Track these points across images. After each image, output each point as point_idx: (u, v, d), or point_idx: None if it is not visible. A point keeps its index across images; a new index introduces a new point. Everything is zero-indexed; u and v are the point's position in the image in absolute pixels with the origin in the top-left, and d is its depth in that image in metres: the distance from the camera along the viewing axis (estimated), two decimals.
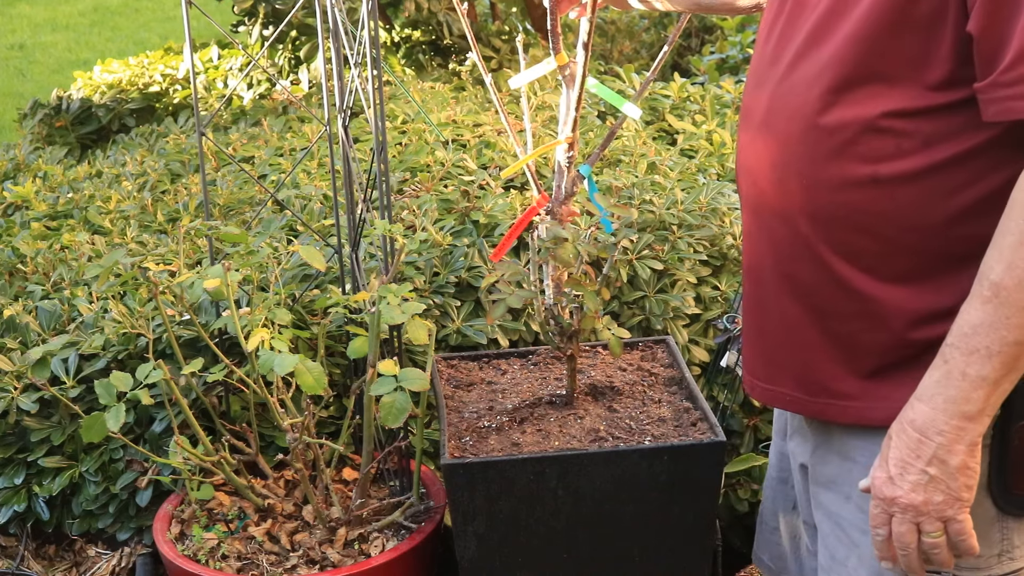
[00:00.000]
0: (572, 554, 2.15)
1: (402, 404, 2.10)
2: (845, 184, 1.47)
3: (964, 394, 1.38)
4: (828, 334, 1.55)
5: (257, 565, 2.36)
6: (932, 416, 1.40)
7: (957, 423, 1.39)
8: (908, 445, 1.42)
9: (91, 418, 2.28)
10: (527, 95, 2.34)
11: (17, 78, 9.03)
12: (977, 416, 1.38)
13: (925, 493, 1.42)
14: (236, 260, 2.50)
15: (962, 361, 1.37)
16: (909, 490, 1.43)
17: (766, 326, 1.63)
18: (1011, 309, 1.34)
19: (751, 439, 2.86)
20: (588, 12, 2.09)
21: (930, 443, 1.41)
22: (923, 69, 1.41)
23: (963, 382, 1.37)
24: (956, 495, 1.42)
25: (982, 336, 1.36)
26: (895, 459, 1.44)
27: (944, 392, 1.39)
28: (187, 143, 4.32)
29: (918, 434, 1.41)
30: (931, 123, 1.42)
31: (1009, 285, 1.33)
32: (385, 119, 2.59)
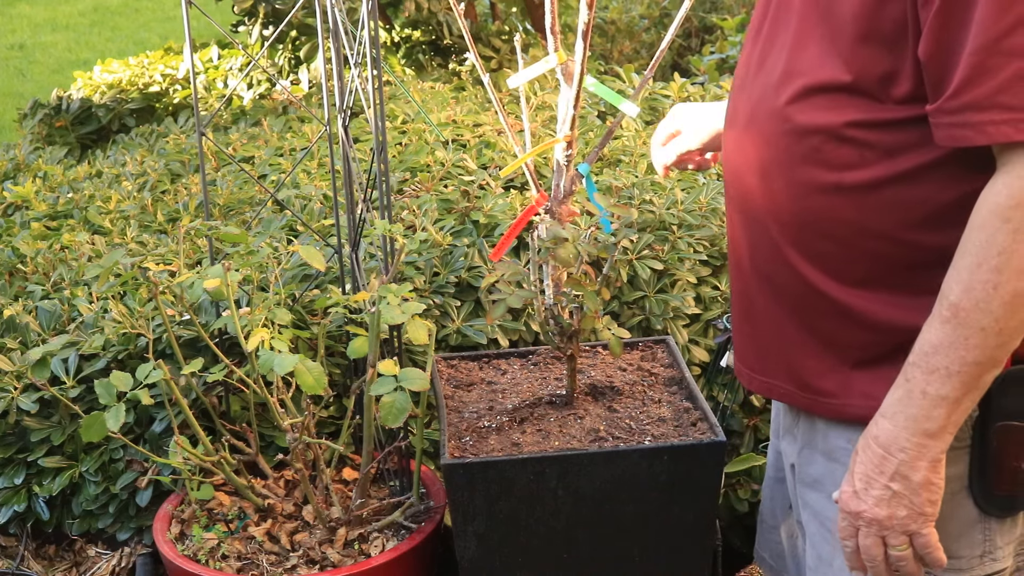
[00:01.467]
0: (572, 554, 2.15)
1: (402, 404, 2.10)
2: (812, 189, 1.49)
3: (925, 412, 1.40)
4: (805, 331, 1.57)
5: (257, 565, 2.36)
6: (895, 433, 1.42)
7: (919, 440, 1.41)
8: (872, 461, 1.44)
9: (91, 418, 2.28)
10: (527, 95, 2.35)
11: (17, 78, 9.03)
12: (938, 433, 1.40)
13: (889, 508, 1.44)
14: (236, 260, 2.50)
15: (923, 380, 1.39)
16: (873, 505, 1.45)
17: (753, 318, 1.65)
18: (969, 330, 1.35)
19: (751, 439, 2.86)
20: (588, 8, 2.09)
21: (893, 459, 1.43)
22: (889, 83, 1.42)
23: (924, 400, 1.39)
24: (920, 510, 1.44)
25: (941, 356, 1.37)
26: (860, 474, 1.46)
27: (905, 410, 1.41)
28: (187, 143, 4.32)
29: (882, 450, 1.43)
30: (893, 135, 1.43)
31: (967, 306, 1.35)
32: (385, 119, 2.59)
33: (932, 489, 1.43)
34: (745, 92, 1.60)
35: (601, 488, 2.09)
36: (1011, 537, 1.53)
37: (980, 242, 1.34)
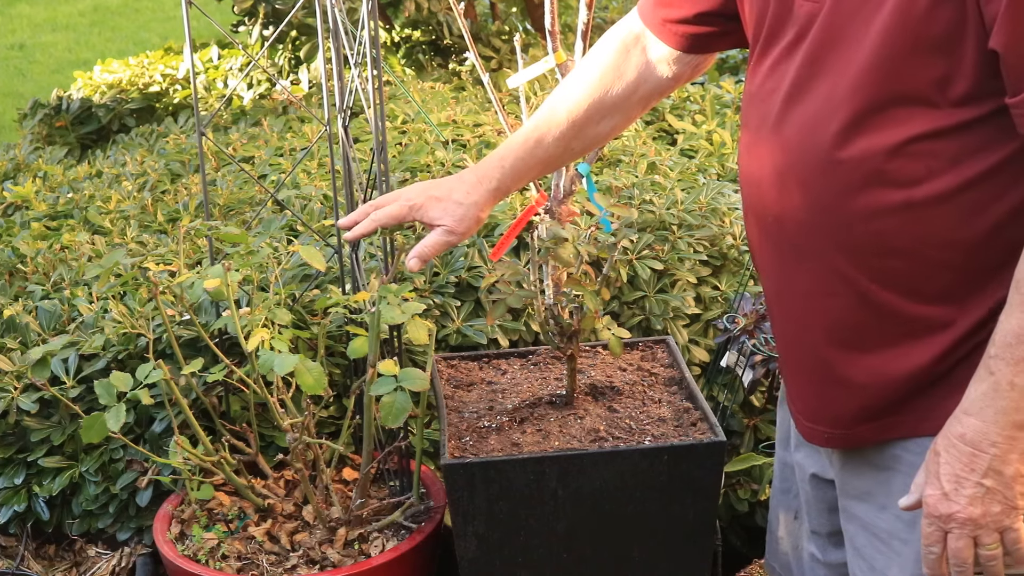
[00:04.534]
0: (572, 554, 2.15)
1: (402, 404, 2.10)
2: (878, 212, 1.46)
3: (1014, 404, 1.38)
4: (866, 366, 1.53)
5: (257, 565, 2.36)
6: (984, 428, 1.40)
7: (1010, 433, 1.39)
8: (961, 459, 1.42)
9: (91, 418, 2.28)
10: (527, 95, 2.35)
11: (17, 78, 9.03)
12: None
13: (983, 505, 1.42)
14: (236, 260, 2.50)
15: (1009, 371, 1.37)
16: (967, 504, 1.43)
17: (801, 364, 1.62)
18: None
19: (751, 439, 2.86)
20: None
21: (984, 455, 1.41)
22: (946, 87, 1.40)
23: (1012, 392, 1.38)
24: (1013, 504, 1.42)
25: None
26: (948, 475, 1.43)
27: (994, 404, 1.39)
28: (187, 143, 4.32)
29: (970, 448, 1.41)
30: (957, 141, 1.41)
31: None
32: (385, 119, 2.59)
33: (1022, 481, 1.41)
34: (776, 137, 1.55)
35: (601, 488, 2.09)
36: None
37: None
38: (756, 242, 1.66)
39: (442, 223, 1.91)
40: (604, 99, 1.88)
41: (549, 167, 1.99)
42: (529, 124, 1.92)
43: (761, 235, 1.63)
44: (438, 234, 1.92)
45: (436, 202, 1.92)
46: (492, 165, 1.94)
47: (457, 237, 1.93)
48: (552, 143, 1.91)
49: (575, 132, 1.90)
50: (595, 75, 1.88)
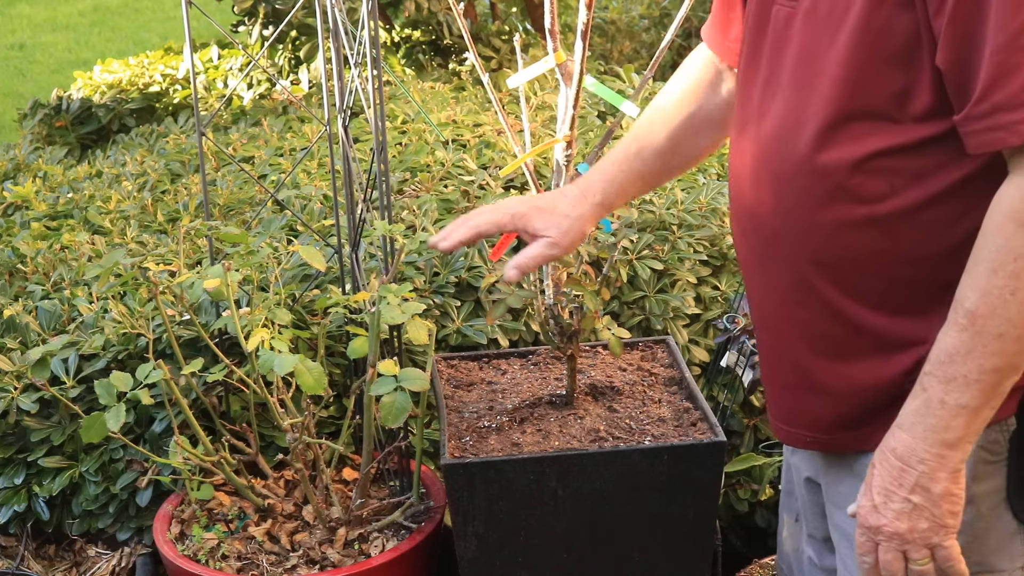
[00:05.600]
0: (572, 554, 2.15)
1: (402, 404, 2.10)
2: (843, 226, 1.45)
3: (944, 423, 1.37)
4: (841, 374, 1.53)
5: (257, 565, 2.36)
6: (913, 445, 1.40)
7: (938, 451, 1.39)
8: (891, 473, 1.42)
9: (91, 418, 2.28)
10: (526, 95, 2.35)
11: (17, 78, 9.03)
12: (958, 443, 1.38)
13: (909, 521, 1.42)
14: (236, 260, 2.50)
15: (940, 390, 1.37)
16: (893, 518, 1.43)
17: (779, 368, 1.62)
18: (987, 337, 1.33)
19: (751, 439, 2.86)
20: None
21: (912, 471, 1.40)
22: (905, 102, 1.39)
23: (942, 411, 1.37)
24: (941, 522, 1.41)
25: (959, 364, 1.35)
26: (879, 487, 1.44)
27: (924, 421, 1.39)
28: (187, 143, 4.32)
29: (900, 463, 1.41)
30: (919, 158, 1.40)
31: (984, 313, 1.33)
32: (385, 119, 2.59)
33: (953, 500, 1.40)
34: (755, 140, 1.55)
35: (601, 488, 2.09)
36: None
37: (996, 247, 1.32)
38: (738, 241, 1.67)
39: (547, 235, 1.84)
40: (697, 114, 1.84)
41: (650, 183, 1.93)
42: (628, 137, 1.89)
43: (742, 235, 1.64)
44: (541, 246, 1.84)
45: (540, 213, 1.85)
46: (594, 179, 1.89)
47: (560, 250, 1.85)
48: (651, 158, 1.87)
49: (672, 147, 1.86)
50: (687, 89, 1.85)
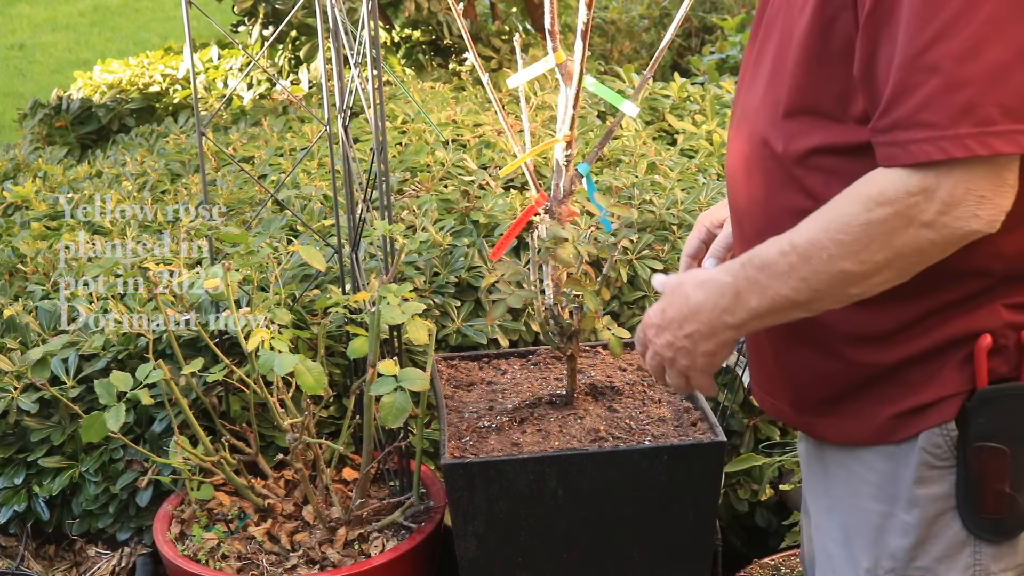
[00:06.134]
0: (572, 554, 2.15)
1: (402, 404, 2.10)
2: (793, 214, 1.46)
3: (731, 309, 1.43)
4: (801, 355, 1.54)
5: (257, 565, 2.36)
6: (702, 306, 1.46)
7: (718, 323, 1.45)
8: (679, 311, 1.49)
9: (91, 418, 2.28)
10: (526, 95, 2.35)
11: (17, 78, 9.03)
12: (736, 326, 1.45)
13: (672, 353, 1.51)
14: (236, 260, 2.50)
15: (743, 283, 1.42)
16: (663, 346, 1.52)
17: (759, 340, 1.63)
18: (793, 273, 1.38)
19: (751, 439, 2.86)
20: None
21: (691, 324, 1.47)
22: (847, 103, 1.39)
23: (735, 299, 1.43)
24: (698, 367, 1.51)
25: (765, 275, 1.40)
26: (667, 315, 1.51)
27: (718, 295, 1.44)
28: (187, 143, 4.32)
29: (688, 311, 1.48)
30: (856, 161, 1.40)
31: (801, 254, 1.36)
32: (385, 119, 2.59)
33: (714, 357, 1.50)
34: (735, 119, 1.58)
35: (601, 488, 2.09)
36: (1009, 563, 1.49)
37: (840, 213, 1.34)
38: (733, 228, 1.69)
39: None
40: None
41: None
42: None
43: (735, 225, 1.66)
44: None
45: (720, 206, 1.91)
46: None
47: None
48: None
49: None
50: None
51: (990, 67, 1.26)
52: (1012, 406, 1.42)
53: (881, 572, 1.51)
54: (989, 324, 1.40)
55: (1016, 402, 1.42)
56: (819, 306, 1.40)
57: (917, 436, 1.44)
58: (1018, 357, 1.41)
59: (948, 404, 1.43)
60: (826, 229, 1.35)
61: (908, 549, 1.48)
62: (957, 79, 1.26)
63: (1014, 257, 1.39)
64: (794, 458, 2.61)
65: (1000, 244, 1.37)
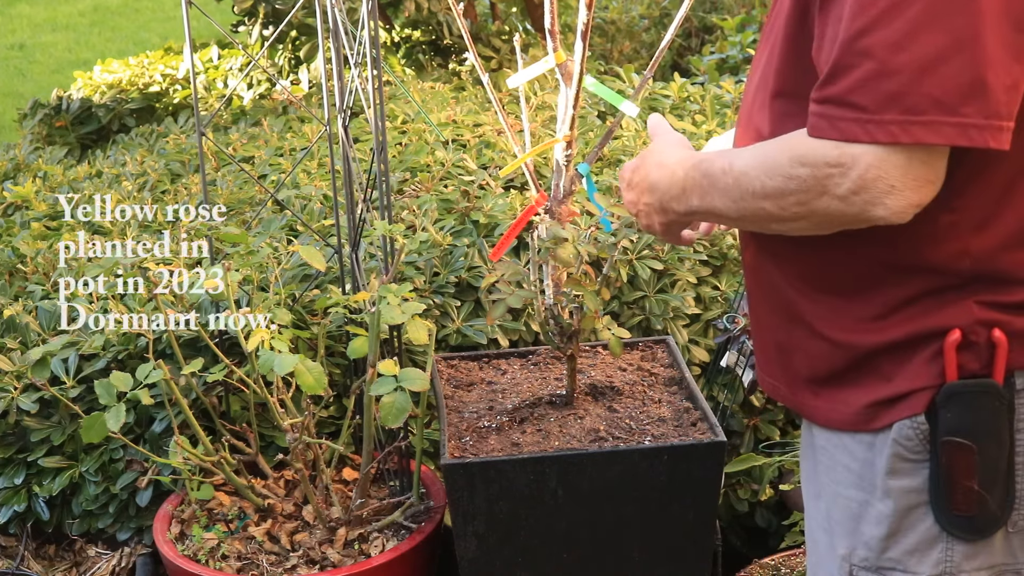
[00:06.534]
0: (572, 554, 2.15)
1: (402, 404, 2.10)
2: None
3: (677, 197, 1.52)
4: (794, 334, 1.56)
5: (257, 565, 2.36)
6: (657, 185, 1.55)
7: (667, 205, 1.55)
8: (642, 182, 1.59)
9: (91, 418, 2.28)
10: (526, 95, 2.35)
11: (17, 78, 9.03)
12: (683, 213, 1.53)
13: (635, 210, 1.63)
14: (236, 260, 2.50)
15: (689, 182, 1.49)
16: (629, 201, 1.64)
17: (758, 320, 1.65)
18: (728, 192, 1.44)
19: (751, 439, 2.86)
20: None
21: (648, 197, 1.58)
22: None
23: (681, 193, 1.51)
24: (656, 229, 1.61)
25: (706, 183, 1.47)
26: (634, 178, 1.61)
27: (669, 183, 1.53)
28: (187, 143, 4.32)
29: (648, 185, 1.57)
30: None
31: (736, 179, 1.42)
32: (385, 119, 2.59)
33: (669, 227, 1.59)
34: (742, 107, 1.62)
35: (601, 488, 2.09)
36: (982, 562, 1.49)
37: (771, 157, 1.39)
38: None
39: None
40: None
41: None
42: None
43: None
44: None
45: None
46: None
47: None
48: None
49: None
50: None
51: (921, 58, 1.28)
52: (979, 402, 1.42)
53: (856, 560, 1.53)
54: (960, 320, 1.41)
55: (983, 398, 1.42)
56: (747, 226, 1.50)
57: (891, 427, 1.46)
58: (989, 354, 1.42)
59: (918, 397, 1.44)
60: (757, 166, 1.40)
61: (881, 539, 1.50)
62: (888, 67, 1.29)
63: (983, 257, 1.40)
64: (794, 458, 2.61)
65: (968, 242, 1.39)
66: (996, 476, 1.44)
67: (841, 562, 1.54)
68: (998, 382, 1.42)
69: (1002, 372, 1.42)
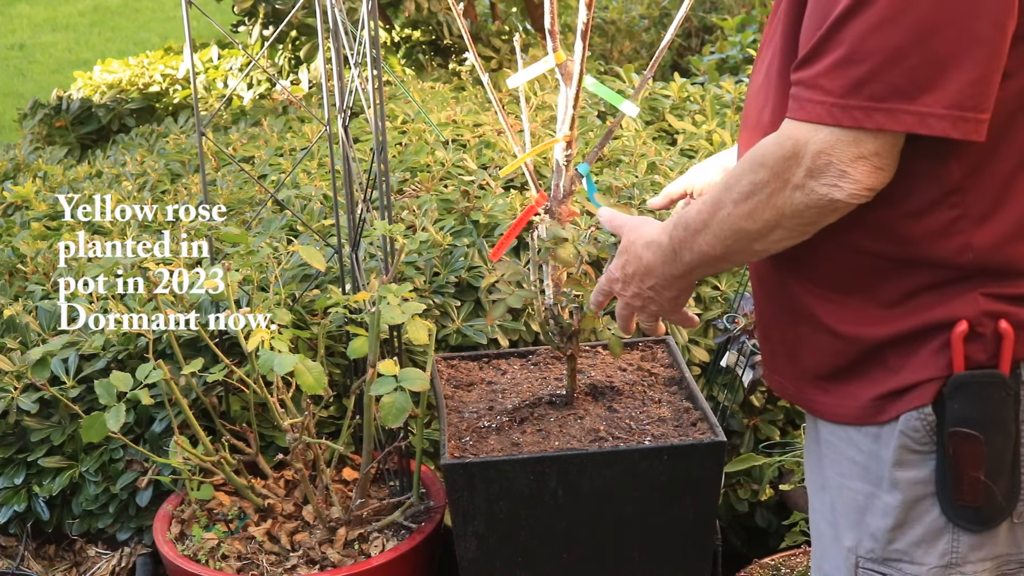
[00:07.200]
0: (572, 554, 2.15)
1: (402, 404, 2.10)
2: None
3: (672, 263, 1.56)
4: (799, 331, 1.57)
5: (257, 565, 2.36)
6: (653, 264, 1.59)
7: (669, 277, 1.59)
8: (637, 269, 1.61)
9: (91, 418, 2.28)
10: (526, 95, 2.35)
11: (17, 78, 9.03)
12: (683, 275, 1.57)
13: (642, 302, 1.65)
14: (236, 260, 2.50)
15: (676, 242, 1.53)
16: (632, 296, 1.65)
17: (764, 318, 1.66)
18: (707, 230, 1.48)
19: (751, 439, 2.86)
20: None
21: (650, 279, 1.60)
22: None
23: (673, 256, 1.55)
24: (667, 308, 1.64)
25: (688, 234, 1.51)
26: (628, 271, 1.63)
27: (662, 255, 1.57)
28: (187, 143, 4.32)
29: (644, 269, 1.60)
30: None
31: (711, 212, 1.47)
32: (385, 119, 2.59)
33: (678, 299, 1.63)
34: (747, 102, 1.64)
35: (601, 488, 2.09)
36: (987, 553, 1.49)
37: (735, 174, 1.43)
38: None
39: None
40: None
41: None
42: None
43: None
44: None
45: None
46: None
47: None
48: None
49: None
50: None
51: (889, 47, 1.31)
52: (986, 393, 1.43)
53: (862, 551, 1.53)
54: (966, 312, 1.42)
55: (990, 389, 1.43)
56: (736, 259, 1.51)
57: (898, 419, 1.46)
58: (996, 346, 1.42)
59: (925, 388, 1.45)
60: (725, 190, 1.45)
61: (887, 531, 1.50)
62: (858, 53, 1.32)
63: (986, 251, 1.41)
64: (794, 458, 2.61)
65: (970, 236, 1.41)
66: (1002, 467, 1.45)
67: (847, 554, 1.55)
68: (1005, 373, 1.43)
69: (1008, 363, 1.43)
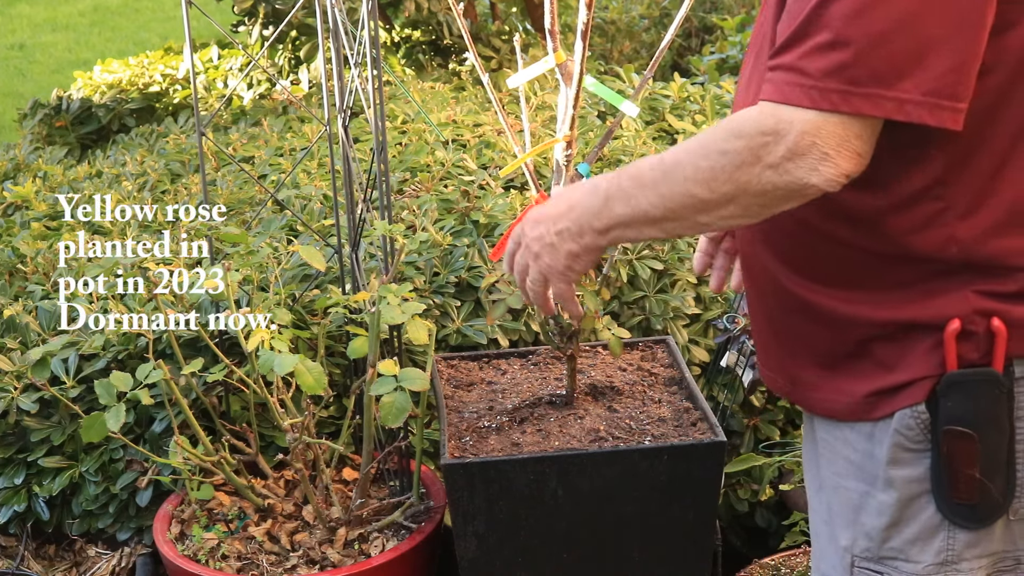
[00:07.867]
0: (572, 554, 2.15)
1: (402, 404, 2.10)
2: None
3: (599, 210, 1.48)
4: (793, 323, 1.57)
5: (257, 565, 2.36)
6: (577, 203, 1.50)
7: (585, 224, 1.49)
8: (558, 208, 1.52)
9: (91, 418, 2.28)
10: (526, 95, 2.35)
11: (17, 78, 9.02)
12: (601, 230, 1.48)
13: (539, 247, 1.54)
14: (236, 260, 2.50)
15: (614, 189, 1.46)
16: (534, 238, 1.55)
17: (757, 313, 1.66)
18: (655, 187, 1.43)
19: (751, 439, 2.86)
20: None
21: (564, 221, 1.51)
22: None
23: (604, 203, 1.47)
24: (558, 268, 1.54)
25: (632, 185, 1.45)
26: (547, 210, 1.54)
27: (591, 196, 1.48)
28: (187, 143, 4.31)
29: (565, 207, 1.51)
30: None
31: (666, 170, 1.42)
32: (385, 119, 2.59)
33: (575, 260, 1.52)
34: (736, 95, 1.64)
35: (601, 488, 2.09)
36: (983, 550, 1.50)
37: (704, 139, 1.39)
38: None
39: None
40: None
41: None
42: None
43: None
44: None
45: None
46: None
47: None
48: None
49: None
50: None
51: (871, 32, 1.30)
52: (979, 391, 1.43)
53: (857, 550, 1.54)
54: (958, 310, 1.42)
55: (983, 387, 1.43)
56: (671, 227, 1.45)
57: (892, 416, 1.47)
58: (988, 344, 1.43)
59: (919, 386, 1.45)
60: (690, 151, 1.41)
61: (882, 529, 1.50)
62: (840, 37, 1.31)
63: (971, 244, 1.41)
64: (794, 458, 2.61)
65: (954, 229, 1.41)
66: (997, 464, 1.45)
67: (843, 553, 1.55)
68: (998, 371, 1.43)
69: (1001, 361, 1.43)
